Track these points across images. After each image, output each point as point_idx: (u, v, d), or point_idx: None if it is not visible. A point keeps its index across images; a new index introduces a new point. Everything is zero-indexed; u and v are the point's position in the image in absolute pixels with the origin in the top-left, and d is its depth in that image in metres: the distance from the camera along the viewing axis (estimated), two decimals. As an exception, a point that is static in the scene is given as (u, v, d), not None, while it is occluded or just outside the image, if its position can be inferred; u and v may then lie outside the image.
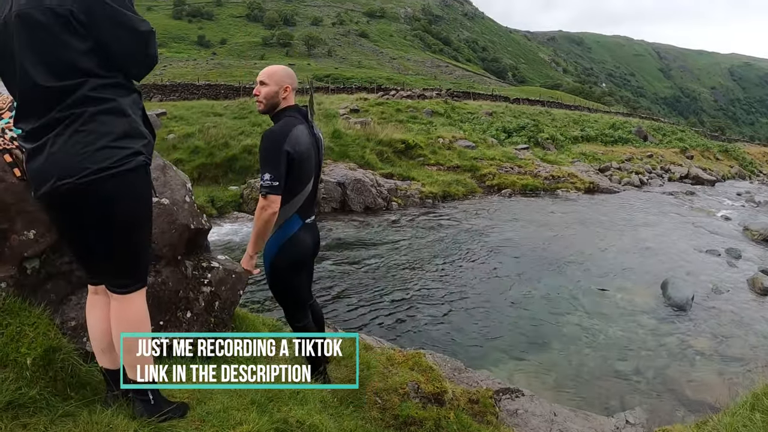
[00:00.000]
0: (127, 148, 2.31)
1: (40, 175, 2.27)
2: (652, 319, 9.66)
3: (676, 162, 35.08)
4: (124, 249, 2.45)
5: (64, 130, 2.20)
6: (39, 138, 2.24)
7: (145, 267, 2.61)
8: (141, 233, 2.50)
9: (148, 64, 2.44)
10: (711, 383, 7.34)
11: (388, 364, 4.99)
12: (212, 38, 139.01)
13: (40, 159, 2.24)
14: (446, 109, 34.58)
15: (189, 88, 47.07)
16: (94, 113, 2.23)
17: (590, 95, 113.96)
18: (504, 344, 8.38)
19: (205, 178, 19.00)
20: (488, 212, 18.24)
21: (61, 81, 2.18)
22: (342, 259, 12.12)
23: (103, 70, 2.26)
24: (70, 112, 2.19)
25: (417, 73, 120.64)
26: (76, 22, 2.15)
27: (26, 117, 2.29)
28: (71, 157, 2.20)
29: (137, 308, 2.56)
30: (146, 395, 2.65)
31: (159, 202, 3.69)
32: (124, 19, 2.25)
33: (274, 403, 3.30)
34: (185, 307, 3.90)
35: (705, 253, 14.20)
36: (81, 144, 2.20)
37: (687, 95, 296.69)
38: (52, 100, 2.19)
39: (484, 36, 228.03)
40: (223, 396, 3.17)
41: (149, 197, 2.51)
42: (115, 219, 2.35)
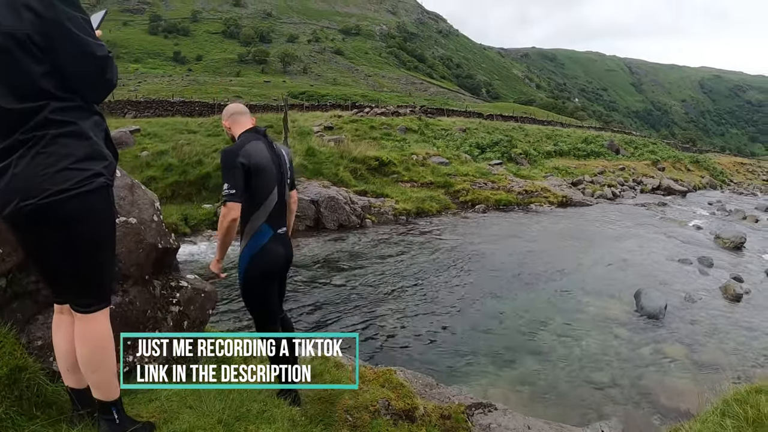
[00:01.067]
0: (87, 169, 2.35)
1: (3, 196, 2.31)
2: (626, 329, 9.73)
3: (648, 174, 35.63)
4: (86, 269, 2.49)
5: (27, 152, 2.25)
6: (3, 159, 2.28)
7: (108, 286, 2.65)
8: (104, 253, 2.54)
9: (105, 89, 2.47)
10: (685, 390, 7.41)
11: (359, 382, 5.02)
12: (188, 54, 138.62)
13: (3, 180, 2.28)
14: (420, 125, 34.68)
15: (163, 105, 46.69)
16: (56, 135, 2.28)
17: (563, 110, 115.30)
18: (478, 359, 8.36)
19: (179, 195, 18.83)
20: (462, 228, 18.34)
21: (22, 103, 2.23)
22: (315, 277, 12.09)
23: (63, 93, 2.30)
24: (32, 134, 2.24)
25: (392, 90, 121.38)
26: (33, 46, 2.20)
27: None
28: (33, 179, 2.24)
29: (101, 327, 2.58)
30: (111, 414, 2.68)
31: (126, 222, 3.74)
32: (81, 43, 2.29)
33: (240, 422, 3.30)
34: (153, 327, 3.91)
35: (677, 263, 14.39)
36: (42, 166, 2.25)
37: (658, 108, 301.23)
38: (14, 122, 2.24)
39: (459, 53, 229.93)
40: (190, 415, 3.18)
41: (111, 217, 2.55)
42: (77, 239, 2.40)
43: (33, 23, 2.19)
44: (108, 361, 2.62)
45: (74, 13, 2.28)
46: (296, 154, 21.10)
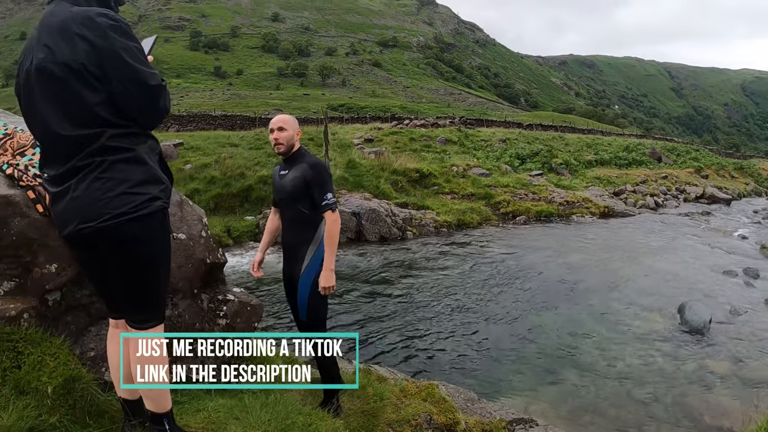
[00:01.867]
0: (145, 193, 2.41)
1: (62, 218, 2.39)
2: (670, 344, 9.47)
3: (691, 182, 34.91)
4: (142, 288, 2.54)
5: (85, 177, 2.31)
6: (62, 183, 2.36)
7: (163, 304, 2.72)
8: (159, 273, 2.59)
9: (159, 116, 2.53)
10: (729, 408, 7.18)
11: (401, 396, 5.01)
12: (228, 69, 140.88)
13: (62, 203, 2.36)
14: (460, 137, 34.59)
15: (205, 119, 47.56)
16: (114, 161, 2.33)
17: (603, 118, 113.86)
18: (519, 373, 8.26)
19: (221, 208, 19.10)
20: (503, 240, 18.19)
21: (79, 130, 2.29)
22: (356, 289, 12.11)
23: (119, 119, 2.36)
24: (90, 160, 2.31)
25: (430, 101, 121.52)
26: (89, 75, 2.27)
27: (50, 163, 2.43)
28: (92, 203, 2.31)
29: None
30: (162, 425, 2.72)
31: (176, 238, 3.82)
32: (135, 73, 2.34)
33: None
34: (201, 341, 3.97)
35: (722, 274, 13.99)
36: (101, 190, 2.31)
37: (700, 113, 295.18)
38: (72, 148, 2.31)
39: (496, 62, 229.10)
40: (237, 426, 3.22)
41: (167, 239, 2.62)
42: (135, 261, 2.46)
43: (88, 53, 2.26)
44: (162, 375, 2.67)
45: (128, 43, 2.34)
46: (337, 167, 21.25)
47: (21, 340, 2.93)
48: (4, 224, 3.06)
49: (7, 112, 4.48)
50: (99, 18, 2.29)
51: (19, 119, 4.18)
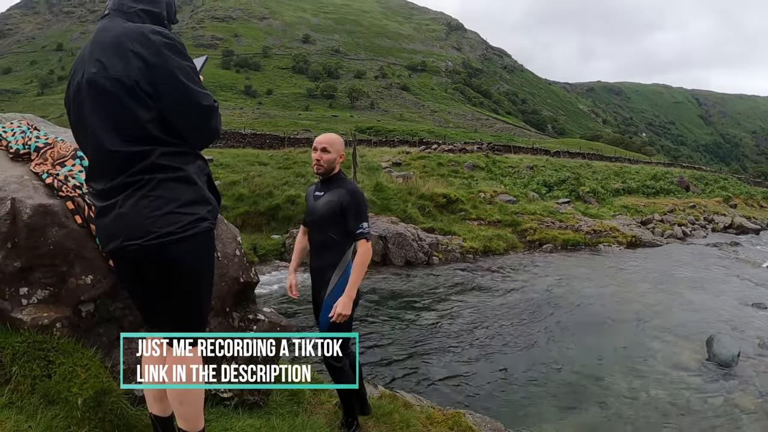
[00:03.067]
0: (193, 214, 2.37)
1: (107, 234, 2.37)
2: (697, 377, 9.29)
3: (720, 212, 34.51)
4: (183, 307, 2.52)
5: (133, 194, 2.28)
6: (109, 198, 2.34)
7: (204, 323, 2.67)
8: (201, 293, 2.55)
9: (210, 137, 2.51)
10: None
11: (427, 423, 4.93)
12: (259, 88, 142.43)
13: (108, 218, 2.34)
14: (487, 163, 34.58)
15: (235, 137, 47.92)
16: (163, 180, 2.31)
17: (630, 145, 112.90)
18: (543, 403, 8.16)
19: (248, 225, 19.19)
20: (529, 268, 18.03)
21: (129, 147, 2.28)
22: (381, 312, 12.08)
23: (170, 138, 2.34)
24: (139, 177, 2.28)
25: (458, 126, 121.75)
26: (142, 92, 2.26)
27: (97, 177, 2.40)
28: (139, 220, 2.28)
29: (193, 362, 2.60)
30: None
31: (212, 256, 3.82)
32: (188, 92, 2.32)
33: None
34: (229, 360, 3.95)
35: (751, 307, 13.75)
36: (149, 209, 2.28)
37: (728, 141, 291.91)
38: (121, 164, 2.29)
39: (524, 88, 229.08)
40: None
41: (212, 260, 2.57)
42: (179, 281, 2.43)
43: (141, 70, 2.25)
44: (197, 395, 2.63)
45: (182, 62, 2.34)
46: (365, 190, 21.19)
47: (53, 349, 2.93)
48: (41, 233, 3.07)
49: (46, 122, 4.54)
50: (153, 36, 2.29)
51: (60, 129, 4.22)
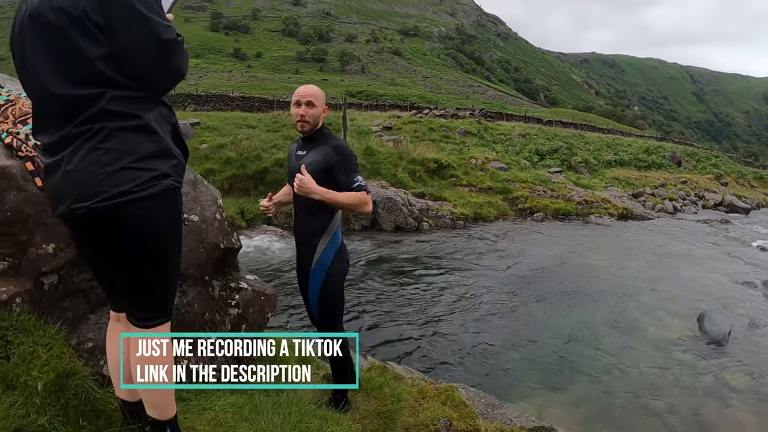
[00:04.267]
0: (152, 169, 2.01)
1: (55, 195, 2.02)
2: (687, 353, 9.26)
3: (711, 189, 34.50)
4: (147, 280, 2.18)
5: (81, 147, 1.92)
6: (55, 153, 1.98)
7: (170, 300, 2.35)
8: (166, 264, 2.22)
9: (172, 77, 2.14)
10: (747, 424, 7.03)
11: (419, 397, 4.77)
12: (248, 51, 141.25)
13: (56, 177, 1.99)
14: (479, 129, 34.42)
15: (223, 99, 47.53)
16: (115, 129, 1.94)
17: (622, 118, 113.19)
18: (533, 376, 8.10)
19: (236, 189, 18.94)
20: (520, 237, 17.91)
21: (75, 90, 1.90)
22: (369, 280, 11.91)
23: (124, 80, 1.97)
24: (87, 126, 1.92)
25: (449, 92, 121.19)
26: (90, 24, 1.88)
27: (43, 129, 2.05)
28: (88, 178, 1.92)
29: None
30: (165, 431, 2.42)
31: (188, 219, 3.53)
32: (146, 24, 1.94)
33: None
34: (210, 330, 3.71)
35: (741, 285, 13.73)
36: (99, 163, 1.92)
37: (720, 120, 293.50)
38: (67, 111, 1.92)
39: (517, 57, 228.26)
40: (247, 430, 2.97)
41: (177, 225, 2.23)
42: (138, 248, 2.08)
43: None
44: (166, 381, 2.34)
45: None
46: (355, 153, 20.89)
47: (11, 327, 2.64)
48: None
49: (13, 79, 4.20)
50: None
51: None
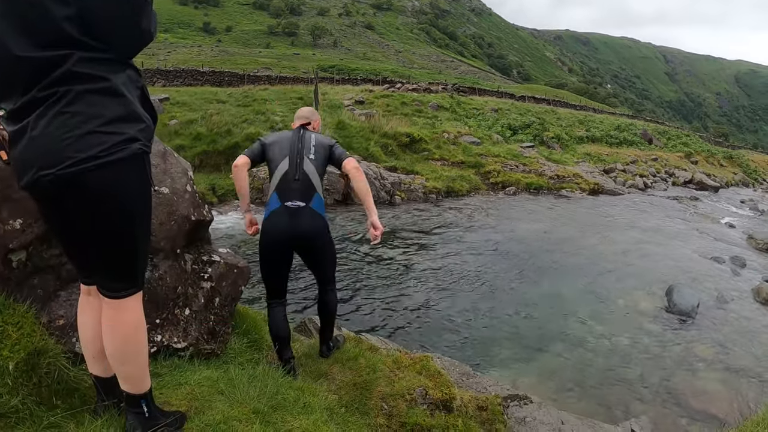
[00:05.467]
0: (119, 133, 1.96)
1: (21, 163, 1.96)
2: (657, 325, 9.48)
3: (681, 166, 34.90)
4: (116, 249, 2.14)
5: (46, 111, 1.86)
6: (20, 119, 1.91)
7: (141, 269, 2.31)
8: (136, 232, 2.18)
9: (140, 39, 2.07)
10: (716, 393, 7.19)
11: (394, 368, 4.80)
12: (217, 25, 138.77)
13: (21, 144, 1.92)
14: (452, 103, 34.37)
15: (193, 74, 46.70)
16: (82, 92, 1.88)
17: (595, 96, 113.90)
18: (506, 347, 8.21)
19: (207, 165, 18.76)
20: (492, 210, 18.01)
21: (40, 52, 1.83)
22: (344, 253, 11.89)
23: (91, 41, 1.90)
24: (53, 90, 1.85)
25: (422, 67, 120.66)
26: None
27: (7, 94, 1.96)
28: (54, 144, 1.87)
29: (132, 315, 2.25)
30: (140, 407, 2.39)
31: (158, 192, 3.50)
32: None
33: (277, 412, 3.08)
34: (183, 304, 3.69)
35: (709, 260, 13.99)
36: (65, 128, 1.86)
37: (692, 100, 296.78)
38: (32, 75, 1.85)
39: (491, 32, 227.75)
40: (223, 404, 2.93)
41: (146, 191, 2.18)
42: (106, 216, 2.04)
43: None
44: (140, 353, 2.31)
45: None
46: (326, 127, 20.88)
47: (-20, 307, 2.58)
48: (-38, 173, 2.65)
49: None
50: None
51: None
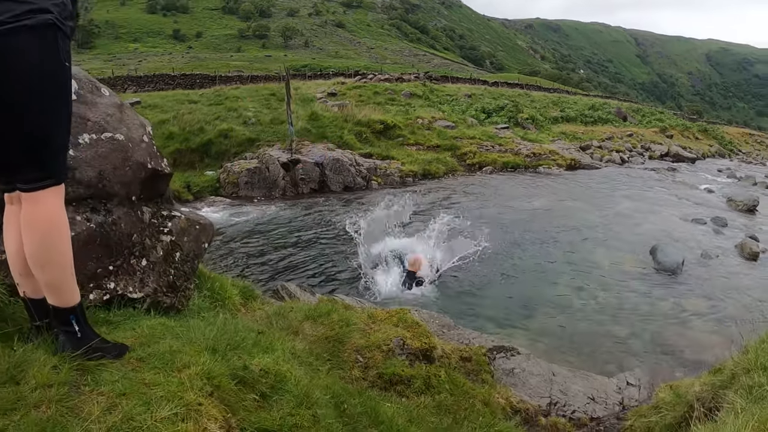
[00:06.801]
0: (30, 2, 1.85)
1: None
2: (644, 284, 9.60)
3: (656, 141, 35.04)
4: (28, 126, 1.99)
5: None
6: None
7: (57, 159, 2.14)
8: (49, 111, 2.03)
9: None
10: (709, 343, 7.27)
11: (369, 322, 4.70)
12: (187, 32, 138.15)
13: None
14: (425, 91, 34.27)
15: (164, 79, 46.40)
16: None
17: (568, 81, 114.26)
18: (494, 312, 8.23)
19: (181, 163, 18.62)
20: (470, 189, 18.00)
21: None
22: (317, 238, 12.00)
23: None
24: None
25: (395, 62, 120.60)
26: None
27: None
28: None
29: (49, 210, 2.09)
30: (71, 325, 2.23)
31: (113, 138, 3.36)
32: None
33: (234, 351, 2.90)
34: (140, 254, 3.56)
35: (691, 222, 14.14)
36: None
37: (664, 80, 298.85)
38: None
39: (462, 24, 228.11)
40: (175, 341, 2.71)
41: (57, 70, 2.03)
42: (14, 86, 1.90)
43: None
44: (60, 254, 2.13)
45: None
46: (300, 119, 20.78)
47: None
48: None
49: None
50: None
51: None
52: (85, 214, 3.15)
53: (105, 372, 2.18)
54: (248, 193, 16.32)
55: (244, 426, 2.31)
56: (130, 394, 2.04)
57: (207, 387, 2.28)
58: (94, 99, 3.35)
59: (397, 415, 3.32)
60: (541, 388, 5.10)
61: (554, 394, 5.07)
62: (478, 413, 3.92)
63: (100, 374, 2.16)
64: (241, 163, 17.33)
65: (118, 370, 2.23)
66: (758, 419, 2.38)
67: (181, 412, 2.03)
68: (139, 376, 2.20)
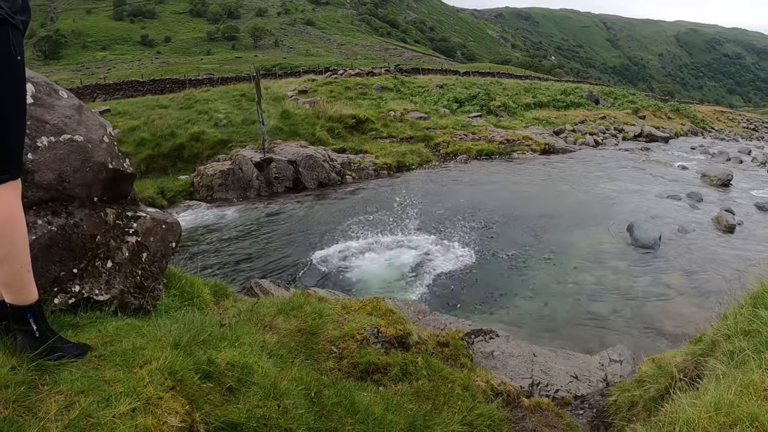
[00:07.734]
0: None
1: None
2: (622, 261, 9.65)
3: (629, 122, 35.34)
4: None
5: None
6: None
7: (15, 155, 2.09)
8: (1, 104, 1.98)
9: None
10: (690, 316, 7.29)
11: (343, 312, 4.62)
12: (156, 37, 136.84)
13: None
14: (396, 84, 34.33)
15: (133, 86, 45.87)
16: None
17: (540, 68, 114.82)
18: (471, 297, 8.18)
19: (154, 169, 18.45)
20: (445, 178, 18.05)
21: None
22: (294, 232, 11.94)
23: None
24: None
25: (366, 57, 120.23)
26: None
27: None
28: None
29: (4, 204, 2.04)
30: (28, 324, 2.18)
31: (72, 139, 3.31)
32: None
33: (200, 346, 2.86)
34: (105, 256, 3.48)
35: (666, 199, 14.27)
36: None
37: (635, 63, 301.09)
38: None
39: (432, 16, 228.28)
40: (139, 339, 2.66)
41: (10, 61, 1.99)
42: None
43: None
44: (17, 250, 2.08)
45: None
46: (271, 118, 20.65)
47: None
48: None
49: None
50: None
51: None
52: (46, 217, 3.10)
53: (65, 371, 2.16)
54: (223, 195, 16.17)
55: (209, 420, 2.27)
56: (89, 392, 2.02)
57: (168, 381, 2.24)
58: (52, 102, 3.31)
59: (373, 404, 3.27)
60: (523, 370, 5.06)
61: (536, 374, 5.04)
62: (457, 397, 3.85)
63: (60, 373, 2.14)
64: (215, 166, 17.16)
65: (78, 368, 2.20)
66: (740, 383, 2.35)
67: (140, 406, 2.01)
68: (99, 374, 2.18)
